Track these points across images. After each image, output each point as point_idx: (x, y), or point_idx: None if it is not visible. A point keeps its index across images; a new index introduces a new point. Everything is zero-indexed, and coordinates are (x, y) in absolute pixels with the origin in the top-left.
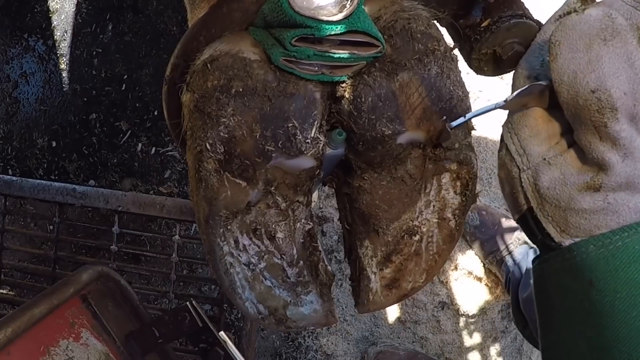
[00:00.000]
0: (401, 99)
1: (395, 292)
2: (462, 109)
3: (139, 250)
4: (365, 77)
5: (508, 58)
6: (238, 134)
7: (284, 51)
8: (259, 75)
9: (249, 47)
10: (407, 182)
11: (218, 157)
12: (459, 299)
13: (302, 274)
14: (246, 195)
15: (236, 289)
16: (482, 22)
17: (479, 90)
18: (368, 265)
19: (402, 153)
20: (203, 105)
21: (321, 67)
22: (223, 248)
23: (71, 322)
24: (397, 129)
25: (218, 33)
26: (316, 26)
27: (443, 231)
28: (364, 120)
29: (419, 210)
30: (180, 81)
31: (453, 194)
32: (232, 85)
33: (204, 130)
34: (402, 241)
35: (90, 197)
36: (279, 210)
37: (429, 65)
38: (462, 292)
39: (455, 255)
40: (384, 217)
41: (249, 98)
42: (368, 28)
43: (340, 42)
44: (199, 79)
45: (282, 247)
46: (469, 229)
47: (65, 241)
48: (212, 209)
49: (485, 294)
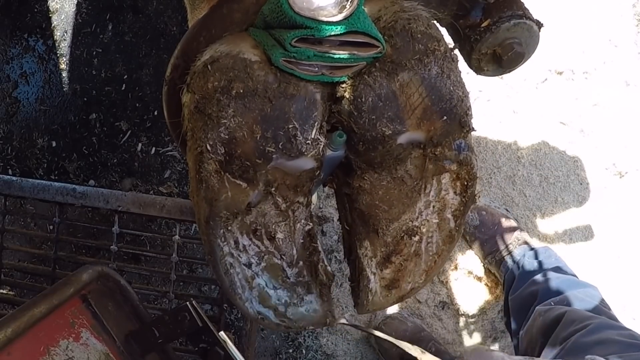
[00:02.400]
0: (401, 99)
1: (395, 292)
2: (463, 109)
3: (139, 250)
4: (366, 78)
5: (508, 58)
6: (239, 135)
7: (284, 52)
8: (259, 76)
9: (249, 49)
10: (407, 182)
11: (219, 158)
12: (459, 299)
13: (302, 274)
14: (246, 196)
15: (236, 289)
16: (482, 22)
17: (479, 91)
18: (367, 266)
19: (402, 153)
20: (204, 106)
21: (321, 68)
22: (223, 249)
23: (71, 322)
24: (397, 129)
25: (218, 34)
26: (316, 27)
27: (443, 232)
28: (365, 120)
29: (419, 211)
30: (180, 82)
31: (453, 194)
32: (233, 86)
33: (204, 131)
34: (402, 242)
35: (90, 197)
36: (279, 211)
37: (429, 66)
38: (462, 292)
39: (455, 255)
40: (384, 217)
41: (249, 99)
42: (368, 29)
43: (341, 42)
44: (200, 80)
45: (282, 248)
46: (469, 229)
47: (65, 241)
48: (213, 210)
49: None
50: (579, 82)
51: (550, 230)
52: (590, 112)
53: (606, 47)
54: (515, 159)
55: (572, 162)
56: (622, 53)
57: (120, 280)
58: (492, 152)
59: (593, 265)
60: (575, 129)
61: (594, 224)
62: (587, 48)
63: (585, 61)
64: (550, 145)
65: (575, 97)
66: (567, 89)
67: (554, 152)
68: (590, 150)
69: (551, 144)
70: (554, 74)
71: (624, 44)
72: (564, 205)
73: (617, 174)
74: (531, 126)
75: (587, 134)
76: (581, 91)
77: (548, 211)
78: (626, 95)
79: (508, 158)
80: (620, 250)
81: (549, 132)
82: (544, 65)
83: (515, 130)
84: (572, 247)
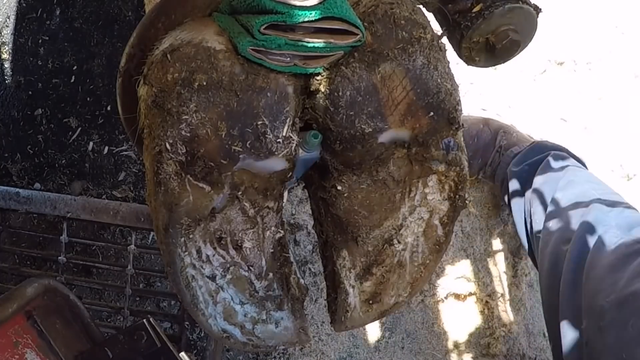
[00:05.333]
0: (383, 92)
1: (376, 307)
2: (451, 103)
3: (90, 262)
4: (343, 69)
5: (502, 47)
6: (201, 133)
7: (251, 40)
8: (224, 67)
9: (213, 36)
10: (389, 185)
11: (179, 158)
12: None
13: (272, 287)
14: (210, 200)
15: (198, 305)
16: (473, 6)
17: (470, 83)
18: (346, 278)
19: (384, 153)
20: (162, 101)
21: (293, 58)
22: (184, 259)
23: (14, 341)
24: (378, 126)
25: (179, 19)
26: (288, 12)
27: (429, 240)
28: (342, 117)
29: (403, 217)
30: (136, 73)
31: (440, 198)
32: (195, 78)
33: (163, 128)
34: (384, 251)
35: (35, 202)
36: (246, 218)
37: (414, 55)
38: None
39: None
40: (364, 224)
41: (213, 93)
42: (346, 14)
43: (315, 29)
44: (158, 71)
45: (250, 258)
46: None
47: (8, 251)
48: (172, 216)
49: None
50: (581, 74)
51: None
52: (594, 107)
53: (612, 35)
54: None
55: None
56: (630, 41)
57: (70, 295)
58: None
59: None
60: (578, 126)
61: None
62: (591, 36)
63: (588, 50)
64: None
65: (578, 90)
66: (568, 82)
67: None
68: (594, 150)
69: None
70: (554, 64)
71: (632, 31)
72: None
73: (625, 176)
74: (528, 123)
75: (591, 132)
76: (584, 84)
77: None
78: (634, 89)
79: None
80: None
81: (548, 130)
82: (542, 54)
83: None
84: None
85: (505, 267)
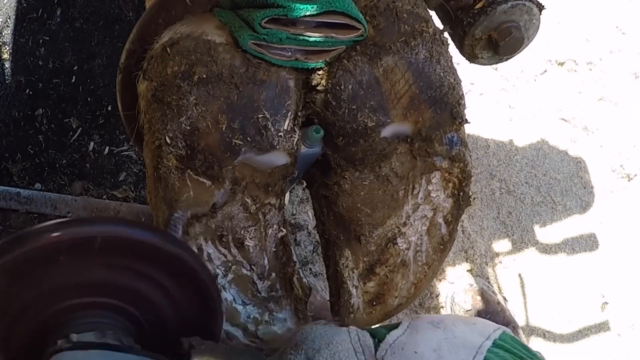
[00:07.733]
0: (385, 86)
1: (380, 308)
2: (454, 98)
3: None
4: (345, 63)
5: (505, 44)
6: (202, 126)
7: (252, 34)
8: (224, 60)
9: (213, 30)
10: (392, 181)
11: (179, 152)
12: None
13: (275, 287)
14: (211, 196)
15: None
16: (476, 3)
17: (471, 83)
18: (349, 278)
19: (386, 148)
20: (162, 94)
21: (295, 52)
22: None
23: None
24: (380, 120)
25: (179, 15)
26: (289, 6)
27: (433, 239)
28: (344, 111)
29: (406, 215)
30: (136, 69)
31: (444, 196)
32: (195, 71)
33: (163, 122)
34: (387, 250)
35: (36, 203)
36: (248, 214)
37: (417, 49)
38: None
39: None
40: (367, 222)
41: (213, 86)
42: (347, 8)
43: (316, 24)
44: (158, 65)
45: (252, 257)
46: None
47: None
48: (173, 212)
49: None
50: (582, 74)
51: (549, 240)
52: (595, 107)
53: (613, 35)
54: (510, 160)
55: (575, 164)
56: (631, 41)
57: None
58: (484, 151)
59: (598, 279)
60: (578, 126)
61: (598, 233)
62: (592, 36)
63: (589, 50)
64: (550, 144)
65: (579, 90)
66: (569, 82)
67: (554, 152)
68: (594, 150)
69: (551, 143)
70: (555, 64)
71: (633, 31)
72: (566, 211)
73: (625, 176)
74: (529, 123)
75: (592, 132)
76: (585, 84)
77: (548, 218)
78: (635, 89)
79: (503, 159)
80: (628, 262)
81: (548, 130)
82: (543, 54)
83: (511, 128)
84: (574, 259)
85: (506, 268)
